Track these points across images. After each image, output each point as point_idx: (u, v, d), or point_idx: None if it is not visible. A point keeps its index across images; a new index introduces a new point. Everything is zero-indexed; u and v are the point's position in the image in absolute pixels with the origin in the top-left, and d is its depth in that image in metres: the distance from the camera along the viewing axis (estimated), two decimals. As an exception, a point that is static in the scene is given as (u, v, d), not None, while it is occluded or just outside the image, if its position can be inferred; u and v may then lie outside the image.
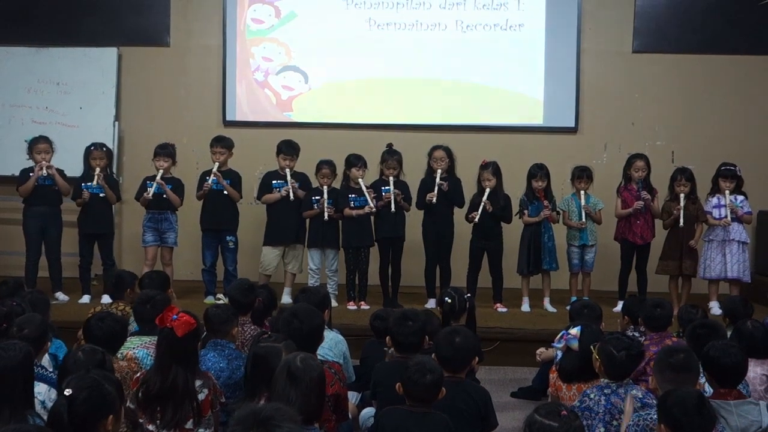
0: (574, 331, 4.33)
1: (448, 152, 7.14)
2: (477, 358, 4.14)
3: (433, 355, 4.02)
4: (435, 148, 7.16)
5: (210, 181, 7.09)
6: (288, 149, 7.20)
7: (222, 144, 7.23)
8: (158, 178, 7.05)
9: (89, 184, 7.10)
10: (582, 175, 7.16)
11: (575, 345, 4.29)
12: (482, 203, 6.92)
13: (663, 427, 3.10)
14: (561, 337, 4.42)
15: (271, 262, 7.26)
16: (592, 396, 3.77)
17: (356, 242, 7.15)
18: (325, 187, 7.06)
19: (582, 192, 7.11)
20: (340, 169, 7.21)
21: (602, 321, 5.10)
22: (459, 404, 3.83)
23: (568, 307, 6.71)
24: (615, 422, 3.67)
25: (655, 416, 3.29)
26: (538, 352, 5.33)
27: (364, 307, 7.06)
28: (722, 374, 3.69)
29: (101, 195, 7.13)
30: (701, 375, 3.96)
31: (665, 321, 4.87)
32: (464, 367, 4.00)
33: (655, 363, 3.63)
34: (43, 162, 7.00)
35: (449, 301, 5.04)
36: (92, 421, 2.80)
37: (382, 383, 4.10)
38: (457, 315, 5.05)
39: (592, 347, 3.96)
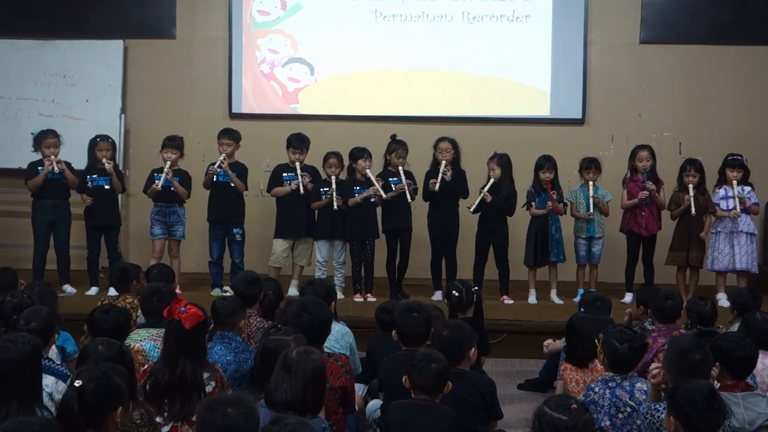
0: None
1: (454, 144, 7.12)
2: (474, 350, 4.10)
3: None
4: (440, 139, 7.15)
5: (215, 167, 7.09)
6: (297, 142, 7.19)
7: (229, 136, 7.22)
8: (166, 169, 7.05)
9: (94, 176, 7.12)
10: (590, 166, 7.14)
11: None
12: (481, 193, 6.91)
13: (672, 419, 3.10)
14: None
15: (281, 255, 7.25)
16: (596, 390, 3.77)
17: (361, 234, 7.14)
18: (333, 177, 7.06)
19: (590, 183, 7.09)
20: (346, 161, 7.20)
21: (611, 313, 5.11)
22: (464, 396, 3.84)
23: (575, 299, 6.75)
24: (620, 415, 3.67)
25: (662, 414, 3.29)
26: (545, 343, 5.32)
27: (371, 299, 7.06)
28: (735, 366, 3.69)
29: (106, 187, 7.14)
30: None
31: (675, 313, 4.88)
32: (457, 358, 3.98)
33: (667, 362, 3.58)
34: (53, 157, 7.01)
35: (456, 294, 5.04)
36: (101, 412, 2.83)
37: (388, 376, 4.10)
38: (464, 308, 5.05)
39: (596, 341, 3.95)
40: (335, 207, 6.99)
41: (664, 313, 4.83)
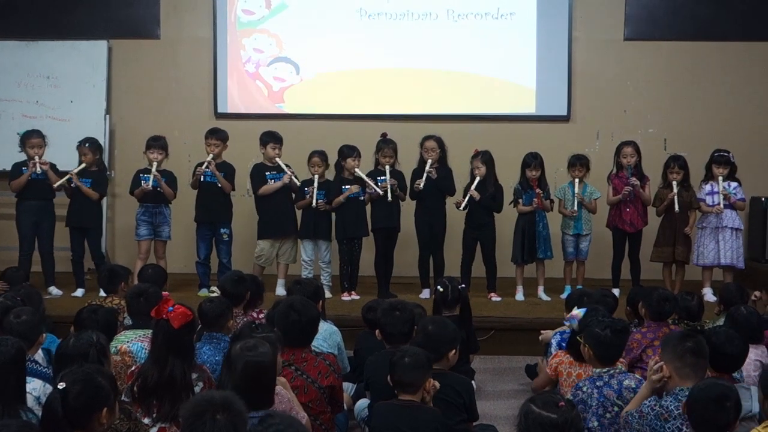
0: (577, 311, 4.35)
1: (440, 142, 7.12)
2: (454, 353, 4.09)
3: None
4: (426, 138, 7.15)
5: (203, 168, 7.07)
6: (275, 139, 7.20)
7: (216, 136, 7.20)
8: (153, 170, 7.02)
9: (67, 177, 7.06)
10: (576, 162, 7.15)
11: (575, 325, 4.31)
12: (469, 192, 6.92)
13: (684, 407, 3.15)
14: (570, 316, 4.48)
15: (269, 255, 7.25)
16: (584, 389, 3.76)
17: (351, 233, 7.13)
18: (316, 176, 7.05)
19: (577, 180, 7.10)
20: (333, 160, 7.19)
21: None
22: (442, 396, 3.83)
23: (563, 296, 6.76)
24: (608, 415, 3.67)
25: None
26: (543, 332, 5.29)
27: (355, 297, 7.05)
28: (721, 362, 3.72)
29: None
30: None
31: (669, 314, 4.88)
32: (437, 356, 3.95)
33: (665, 355, 3.57)
34: (36, 158, 6.97)
35: (441, 289, 5.05)
36: (86, 414, 2.82)
37: (374, 375, 4.10)
38: (450, 304, 5.04)
39: (578, 338, 3.95)
40: (313, 204, 6.97)
41: (661, 315, 4.83)
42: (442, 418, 3.61)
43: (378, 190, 6.97)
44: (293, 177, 7.07)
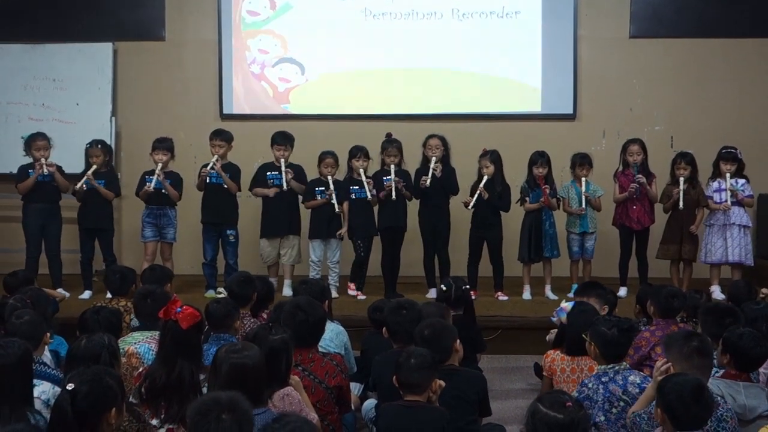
0: (565, 304, 4.37)
1: (443, 141, 7.11)
2: (459, 343, 4.09)
3: None
4: (430, 136, 7.14)
5: (209, 169, 7.07)
6: (281, 139, 7.19)
7: (221, 137, 7.21)
8: (158, 171, 7.03)
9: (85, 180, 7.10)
10: (582, 162, 7.13)
11: (563, 317, 4.31)
12: (478, 190, 6.91)
13: (659, 411, 3.11)
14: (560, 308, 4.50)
15: (269, 254, 7.26)
16: (590, 385, 3.76)
17: (361, 233, 7.12)
18: (330, 177, 7.04)
19: (582, 179, 7.09)
20: (343, 160, 7.19)
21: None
22: (457, 393, 3.83)
23: (570, 295, 6.74)
24: (614, 410, 3.68)
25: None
26: (551, 331, 5.28)
27: (361, 297, 7.05)
28: (747, 363, 3.71)
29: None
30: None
31: (678, 311, 4.87)
32: (444, 354, 3.96)
33: (671, 356, 3.56)
34: (43, 160, 6.98)
35: (444, 289, 5.05)
36: (95, 414, 2.83)
37: (381, 374, 4.10)
38: (454, 304, 5.04)
39: (584, 335, 3.95)
40: (337, 209, 6.98)
41: (669, 311, 4.81)
42: (447, 417, 3.61)
43: (368, 194, 6.97)
44: (284, 181, 7.04)
